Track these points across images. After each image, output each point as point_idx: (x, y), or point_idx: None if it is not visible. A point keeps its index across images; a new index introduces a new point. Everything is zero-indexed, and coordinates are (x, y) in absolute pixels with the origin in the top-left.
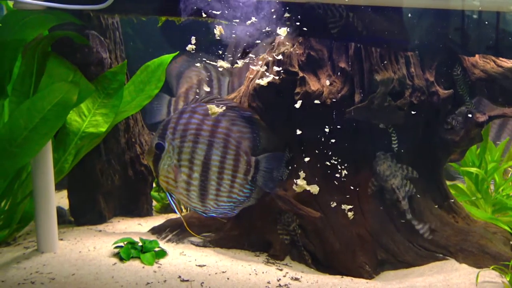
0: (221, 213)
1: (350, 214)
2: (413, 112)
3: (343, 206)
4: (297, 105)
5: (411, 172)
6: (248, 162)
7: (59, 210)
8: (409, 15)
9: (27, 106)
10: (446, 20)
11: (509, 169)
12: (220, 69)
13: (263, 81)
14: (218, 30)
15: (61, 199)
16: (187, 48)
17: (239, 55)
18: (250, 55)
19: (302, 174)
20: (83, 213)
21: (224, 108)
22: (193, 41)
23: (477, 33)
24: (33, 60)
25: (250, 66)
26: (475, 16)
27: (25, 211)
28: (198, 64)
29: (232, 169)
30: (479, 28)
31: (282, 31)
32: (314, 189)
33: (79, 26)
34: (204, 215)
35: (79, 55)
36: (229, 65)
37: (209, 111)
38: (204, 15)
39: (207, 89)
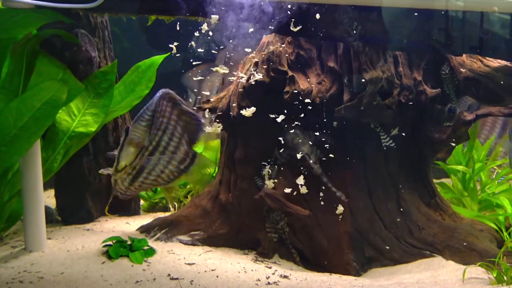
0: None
1: (340, 208)
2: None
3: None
4: (279, 119)
5: (319, 138)
6: (186, 152)
7: (46, 209)
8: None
9: (16, 105)
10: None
11: (494, 167)
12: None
13: (248, 112)
14: (214, 19)
15: (48, 198)
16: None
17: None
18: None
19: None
20: (71, 212)
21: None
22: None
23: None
24: (22, 58)
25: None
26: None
27: (12, 210)
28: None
29: (170, 155)
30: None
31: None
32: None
33: (68, 24)
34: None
35: (68, 54)
36: (227, 71)
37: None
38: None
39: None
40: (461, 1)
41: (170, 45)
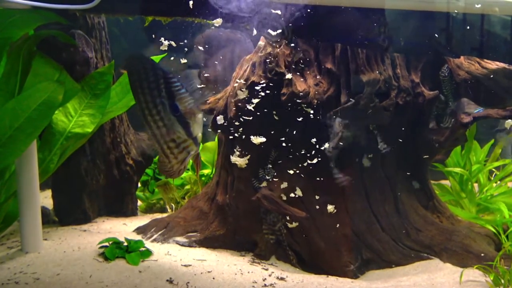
0: None
1: (330, 208)
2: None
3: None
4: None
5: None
6: None
7: (43, 210)
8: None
9: (12, 106)
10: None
11: (493, 169)
12: None
13: (257, 140)
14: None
15: (45, 199)
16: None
17: None
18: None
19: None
20: (68, 213)
21: None
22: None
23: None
24: (18, 59)
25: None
26: None
27: (8, 211)
28: None
29: None
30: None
31: None
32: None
33: (65, 25)
34: None
35: (65, 55)
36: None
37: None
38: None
39: None
40: (462, 2)
41: (163, 41)
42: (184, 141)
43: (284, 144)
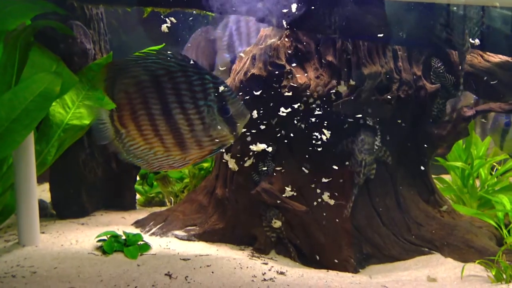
0: None
1: (329, 200)
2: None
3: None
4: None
5: (386, 157)
6: None
7: (41, 203)
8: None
9: (8, 97)
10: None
11: (494, 164)
12: None
13: (258, 147)
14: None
15: (43, 192)
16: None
17: None
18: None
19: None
20: (66, 206)
21: None
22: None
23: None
24: (15, 50)
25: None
26: None
27: (6, 204)
28: None
29: None
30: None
31: None
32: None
33: (62, 16)
34: None
35: (63, 46)
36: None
37: None
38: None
39: None
40: None
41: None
42: (223, 137)
43: (284, 137)
